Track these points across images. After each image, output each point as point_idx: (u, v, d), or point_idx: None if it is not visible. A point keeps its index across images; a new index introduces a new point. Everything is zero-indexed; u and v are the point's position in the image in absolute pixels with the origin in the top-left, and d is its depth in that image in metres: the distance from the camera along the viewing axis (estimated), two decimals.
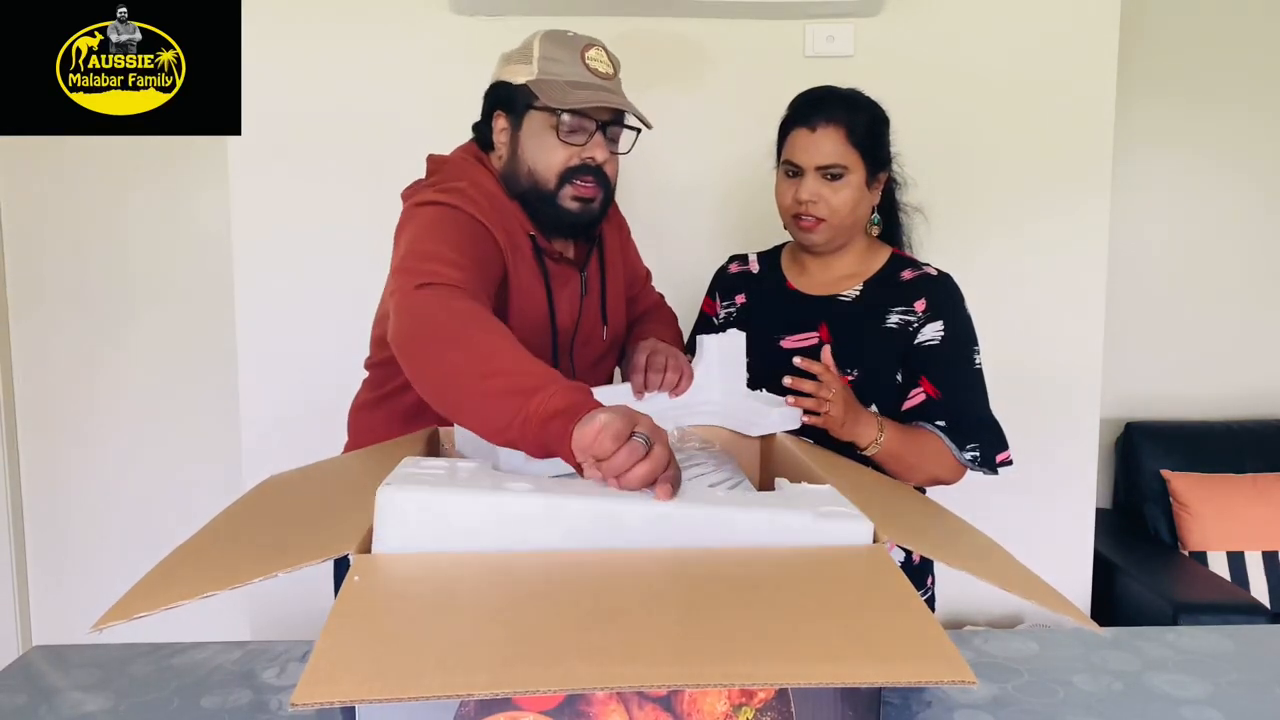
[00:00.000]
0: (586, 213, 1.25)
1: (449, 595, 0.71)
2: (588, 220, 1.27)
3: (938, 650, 0.63)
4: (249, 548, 0.92)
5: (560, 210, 1.24)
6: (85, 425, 2.47)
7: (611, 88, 1.23)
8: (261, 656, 1.16)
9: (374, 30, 2.03)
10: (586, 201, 1.24)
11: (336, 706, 0.58)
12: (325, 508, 1.04)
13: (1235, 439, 2.57)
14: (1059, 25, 2.10)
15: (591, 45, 1.25)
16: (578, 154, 1.22)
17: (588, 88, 1.20)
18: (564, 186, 1.23)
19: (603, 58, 1.24)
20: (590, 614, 0.68)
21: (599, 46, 1.26)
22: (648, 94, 2.12)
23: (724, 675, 0.60)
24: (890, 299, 1.37)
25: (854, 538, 0.80)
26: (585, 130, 1.22)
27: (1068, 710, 1.01)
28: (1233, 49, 2.58)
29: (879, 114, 1.38)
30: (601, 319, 1.36)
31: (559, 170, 1.22)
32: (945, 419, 1.33)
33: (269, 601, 1.49)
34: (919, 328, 1.35)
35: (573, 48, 1.23)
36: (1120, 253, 2.42)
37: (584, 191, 1.23)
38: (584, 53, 1.22)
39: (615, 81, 1.25)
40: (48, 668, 1.03)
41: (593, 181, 1.23)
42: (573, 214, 1.24)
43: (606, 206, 1.29)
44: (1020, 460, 2.26)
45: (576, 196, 1.23)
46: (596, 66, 1.22)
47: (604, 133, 1.23)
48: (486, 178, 1.26)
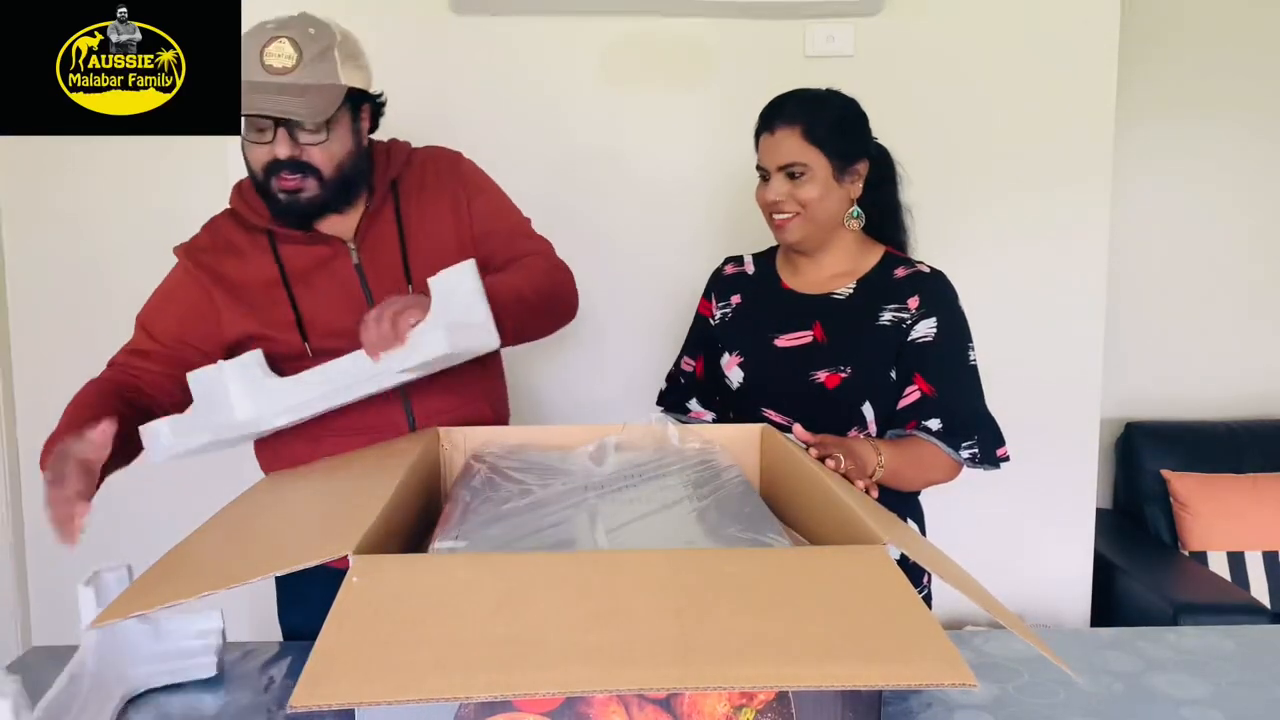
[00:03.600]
0: (295, 202, 1.31)
1: (449, 595, 0.71)
2: (301, 207, 1.32)
3: (938, 652, 0.63)
4: (248, 547, 0.92)
5: (275, 200, 1.32)
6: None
7: (287, 83, 1.24)
8: (261, 656, 1.16)
9: (374, 30, 2.02)
10: (292, 192, 1.30)
11: (336, 709, 0.58)
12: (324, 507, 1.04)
13: (1235, 439, 2.57)
14: (1059, 25, 2.10)
15: (276, 38, 1.25)
16: (270, 151, 1.28)
17: (258, 89, 1.23)
18: (270, 180, 1.30)
19: (284, 50, 1.24)
20: (590, 614, 0.67)
21: (282, 39, 1.25)
22: (648, 94, 2.13)
23: (724, 677, 0.60)
24: (883, 297, 1.37)
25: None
26: (267, 129, 1.26)
27: (1068, 711, 1.01)
28: (1233, 49, 2.58)
29: (848, 110, 1.38)
30: (406, 281, 1.37)
31: (261, 168, 1.30)
32: (940, 416, 1.33)
33: (269, 601, 1.49)
34: (912, 324, 1.35)
35: (256, 44, 1.24)
36: (1120, 253, 2.42)
37: (285, 185, 1.30)
38: (263, 49, 1.24)
39: (299, 73, 1.24)
40: (48, 668, 1.02)
41: (290, 174, 1.29)
42: (283, 204, 1.32)
43: (327, 190, 1.32)
44: (1020, 460, 2.26)
45: (281, 189, 1.30)
46: (271, 63, 1.24)
47: (289, 127, 1.26)
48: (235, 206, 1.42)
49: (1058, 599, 2.29)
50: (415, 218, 1.40)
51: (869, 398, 1.36)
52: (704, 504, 1.01)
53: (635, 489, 1.06)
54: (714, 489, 1.06)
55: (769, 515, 0.99)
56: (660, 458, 1.17)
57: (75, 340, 2.45)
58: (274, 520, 1.03)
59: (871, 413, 1.37)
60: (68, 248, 2.42)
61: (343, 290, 1.36)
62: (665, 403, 1.58)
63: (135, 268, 2.46)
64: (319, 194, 1.31)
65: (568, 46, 2.08)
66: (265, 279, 1.36)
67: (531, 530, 0.93)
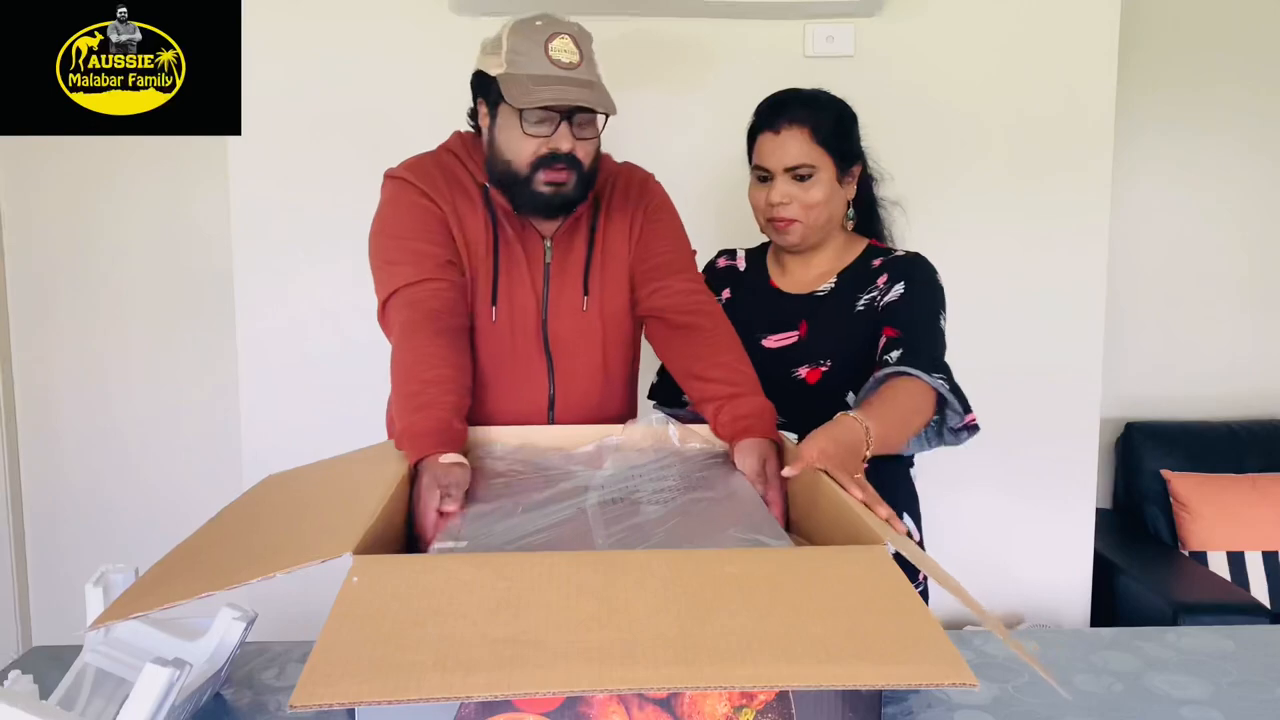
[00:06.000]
0: (559, 195, 1.31)
1: (449, 595, 0.71)
2: (561, 201, 1.32)
3: (939, 652, 0.63)
4: (248, 548, 0.92)
5: (534, 194, 1.30)
6: (85, 425, 2.47)
7: (576, 77, 1.25)
8: (261, 657, 1.16)
9: (374, 30, 2.03)
10: (559, 185, 1.30)
11: (336, 708, 0.58)
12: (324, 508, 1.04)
13: (1235, 439, 2.57)
14: (1059, 25, 2.10)
15: (557, 34, 1.25)
16: (545, 144, 1.27)
17: (550, 82, 1.23)
18: (536, 173, 1.29)
19: (568, 47, 1.25)
20: (590, 614, 0.67)
21: (564, 35, 1.26)
22: (648, 94, 2.12)
23: (724, 677, 0.60)
24: (860, 285, 1.38)
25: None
26: (550, 122, 1.26)
27: (1068, 710, 1.01)
28: (1233, 50, 2.57)
29: (845, 111, 1.38)
30: (583, 289, 1.38)
31: (529, 160, 1.28)
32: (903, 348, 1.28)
33: (269, 601, 1.49)
34: (882, 297, 1.35)
35: (538, 39, 1.24)
36: (1120, 253, 2.42)
37: (555, 177, 1.29)
38: (548, 44, 1.24)
39: (583, 69, 1.26)
40: (48, 668, 1.02)
41: (563, 167, 1.28)
42: (546, 196, 1.30)
43: (584, 186, 1.32)
44: (1020, 460, 2.26)
45: (549, 181, 1.29)
46: (559, 57, 1.24)
47: (570, 122, 1.26)
48: (458, 154, 1.38)
49: (1057, 599, 2.29)
50: (603, 235, 1.41)
51: (852, 389, 1.35)
52: (704, 504, 1.01)
53: (635, 489, 1.06)
54: (714, 489, 1.06)
55: (769, 515, 1.00)
56: (660, 458, 1.17)
57: (75, 340, 2.45)
58: (274, 520, 1.03)
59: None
60: (68, 248, 2.42)
61: (530, 285, 1.36)
62: (658, 396, 1.57)
63: (135, 268, 2.48)
64: (576, 189, 1.31)
65: None
66: (482, 235, 1.35)
67: (531, 530, 0.93)
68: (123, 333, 2.46)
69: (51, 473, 2.48)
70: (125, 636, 1.00)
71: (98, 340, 2.46)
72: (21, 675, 0.94)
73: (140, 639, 1.00)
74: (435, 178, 1.35)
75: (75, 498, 2.48)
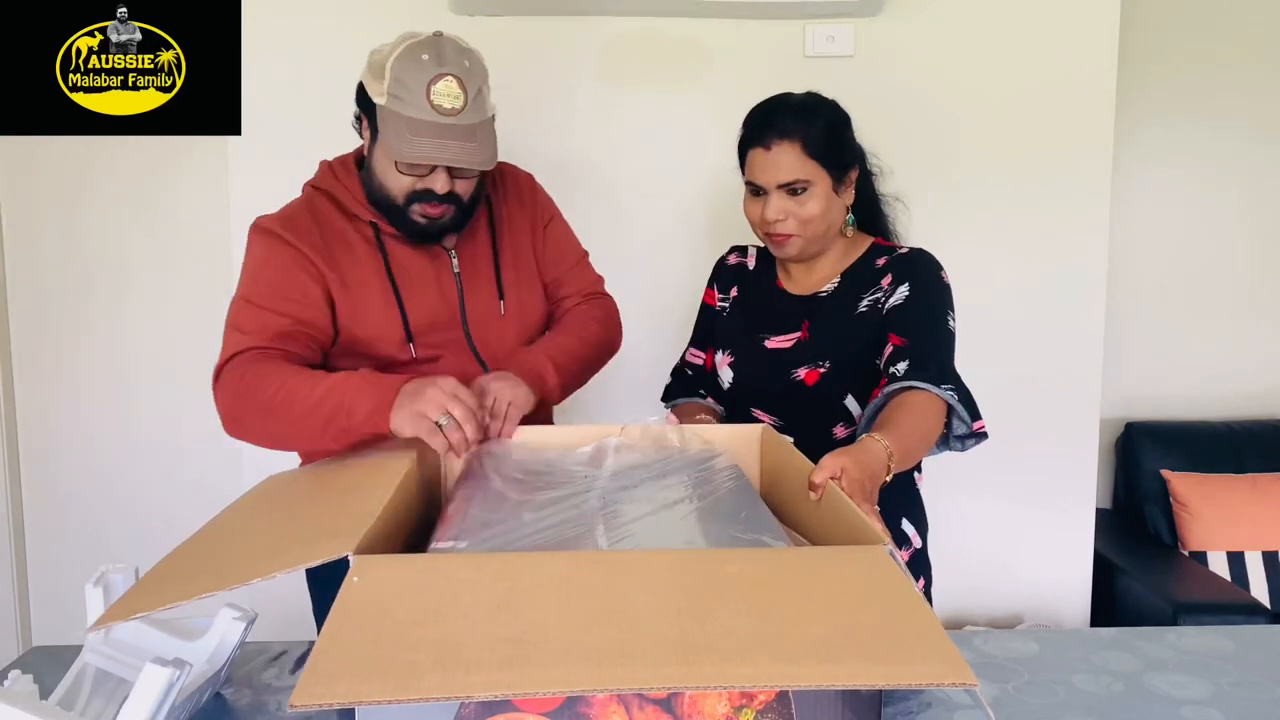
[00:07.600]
0: (435, 226, 1.30)
1: (449, 595, 0.71)
2: (438, 230, 1.31)
3: (939, 652, 0.63)
4: (248, 548, 0.92)
5: (409, 222, 1.30)
6: (85, 425, 2.47)
7: (458, 124, 1.20)
8: (261, 656, 1.16)
9: (374, 31, 2.02)
10: (434, 219, 1.29)
11: (336, 708, 0.58)
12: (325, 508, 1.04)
13: (1235, 439, 2.57)
14: (1059, 25, 2.10)
15: (441, 76, 1.19)
16: (420, 182, 1.26)
17: (427, 131, 1.19)
18: (411, 205, 1.28)
19: (451, 90, 1.19)
20: (590, 614, 0.68)
21: (448, 77, 1.19)
22: (648, 94, 2.12)
23: (724, 677, 0.60)
24: (863, 285, 1.36)
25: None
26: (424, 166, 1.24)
27: (1068, 711, 1.01)
28: (1233, 51, 2.58)
29: (837, 115, 1.34)
30: (498, 294, 1.39)
31: (404, 194, 1.27)
32: (910, 359, 1.26)
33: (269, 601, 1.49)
34: (886, 299, 1.33)
35: (421, 78, 1.19)
36: (1120, 253, 2.42)
37: (430, 212, 1.28)
38: (430, 86, 1.19)
39: (467, 112, 1.20)
40: (48, 668, 1.02)
41: (437, 202, 1.27)
42: (421, 226, 1.30)
43: (463, 215, 1.32)
44: (1020, 460, 2.26)
45: (423, 214, 1.28)
46: (441, 103, 1.19)
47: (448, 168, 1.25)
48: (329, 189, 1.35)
49: (1057, 598, 2.29)
50: (505, 233, 1.42)
51: (852, 392, 1.34)
52: (704, 504, 1.01)
53: (635, 489, 1.06)
54: (714, 489, 1.06)
55: (769, 516, 0.99)
56: (660, 458, 1.17)
57: (75, 340, 2.45)
58: (274, 520, 1.03)
59: (856, 407, 1.34)
60: (68, 248, 2.42)
61: (442, 298, 1.35)
62: (671, 399, 1.55)
63: (135, 268, 2.48)
64: (453, 220, 1.31)
65: (568, 46, 2.08)
66: (373, 273, 1.32)
67: (531, 530, 0.93)
68: (123, 333, 2.46)
69: (51, 473, 2.48)
70: (125, 637, 1.00)
71: (98, 340, 2.46)
72: (21, 675, 0.94)
73: (140, 639, 1.00)
74: (305, 225, 1.30)
75: (75, 498, 2.48)
